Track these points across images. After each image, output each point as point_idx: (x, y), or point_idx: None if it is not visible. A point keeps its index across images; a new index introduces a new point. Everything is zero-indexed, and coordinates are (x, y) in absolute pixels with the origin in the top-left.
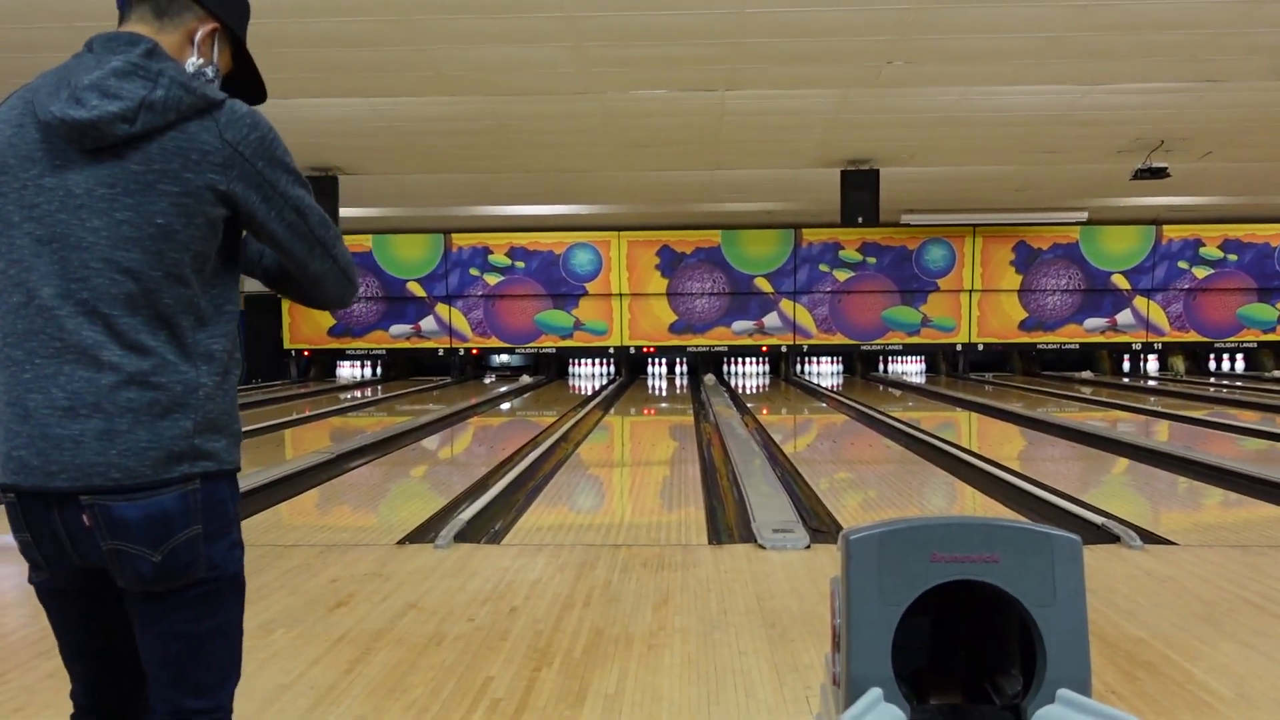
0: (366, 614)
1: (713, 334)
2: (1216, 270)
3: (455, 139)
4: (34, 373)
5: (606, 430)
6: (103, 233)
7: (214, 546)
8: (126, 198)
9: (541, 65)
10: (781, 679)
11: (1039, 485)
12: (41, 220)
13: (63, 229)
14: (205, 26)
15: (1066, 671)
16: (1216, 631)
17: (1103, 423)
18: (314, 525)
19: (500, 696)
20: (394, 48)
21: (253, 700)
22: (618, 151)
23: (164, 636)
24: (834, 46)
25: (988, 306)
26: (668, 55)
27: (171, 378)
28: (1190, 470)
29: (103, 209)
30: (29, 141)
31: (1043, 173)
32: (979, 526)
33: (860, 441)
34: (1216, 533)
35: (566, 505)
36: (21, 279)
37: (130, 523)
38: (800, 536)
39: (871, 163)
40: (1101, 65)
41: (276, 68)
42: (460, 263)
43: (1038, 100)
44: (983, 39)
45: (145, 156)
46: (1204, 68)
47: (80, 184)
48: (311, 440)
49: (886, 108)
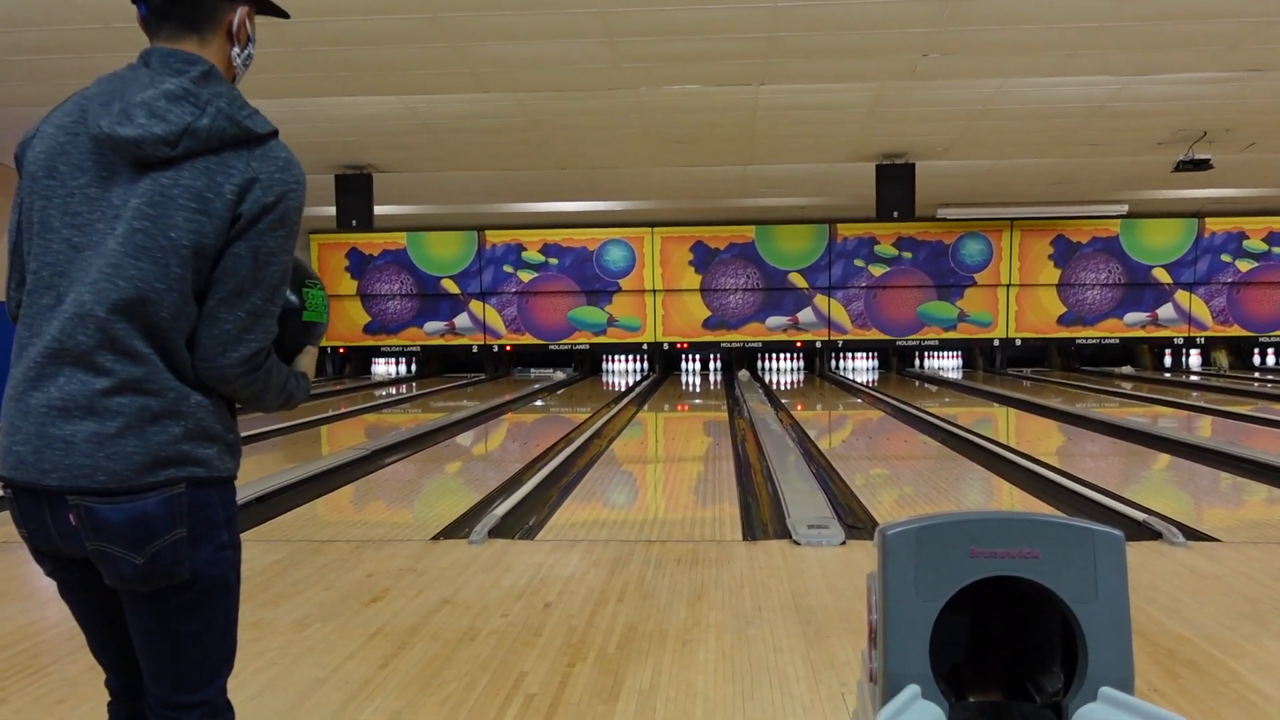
0: (401, 609)
1: (747, 330)
2: (1261, 263)
3: (489, 136)
4: (38, 371)
5: (640, 426)
6: (120, 240)
7: (199, 551)
8: (149, 209)
9: (575, 61)
10: (817, 676)
11: (1078, 481)
12: (80, 228)
13: (96, 238)
14: (235, 14)
15: (1109, 669)
16: (1262, 630)
17: (1144, 418)
18: (349, 521)
19: (534, 692)
20: (426, 45)
21: (288, 695)
22: (651, 147)
23: (150, 635)
24: (869, 40)
25: (1025, 301)
26: (702, 50)
27: (164, 385)
28: (1234, 466)
29: (129, 222)
30: (81, 150)
31: (1082, 165)
32: (1019, 521)
33: (896, 437)
34: (1261, 529)
35: (600, 501)
36: (53, 282)
37: (114, 524)
38: (835, 533)
39: (907, 156)
40: (1142, 56)
41: (309, 67)
42: (494, 260)
43: (1077, 92)
44: (1020, 30)
45: (176, 173)
46: (1248, 57)
47: (120, 196)
48: (347, 437)
49: (922, 101)
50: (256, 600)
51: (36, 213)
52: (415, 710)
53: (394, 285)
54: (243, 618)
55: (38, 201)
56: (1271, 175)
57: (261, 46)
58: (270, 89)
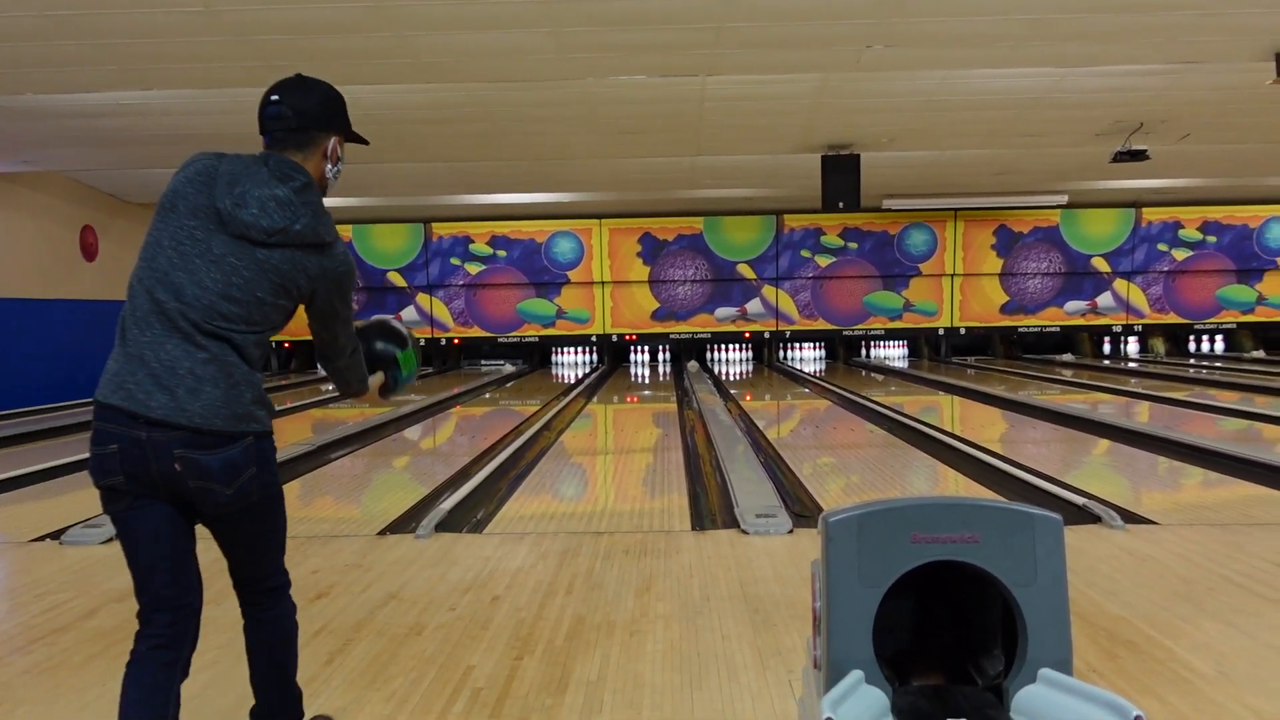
0: (346, 605)
1: (695, 321)
2: (1196, 252)
3: (434, 127)
4: (151, 338)
5: (589, 418)
6: (219, 285)
7: (264, 479)
8: (246, 271)
9: (520, 52)
10: (764, 663)
11: (1021, 467)
12: (182, 255)
13: (193, 269)
14: (331, 142)
15: (1048, 651)
16: (1197, 610)
17: (1084, 405)
18: (295, 517)
19: (481, 686)
20: (368, 34)
21: (230, 694)
22: (598, 138)
23: (239, 542)
24: (814, 31)
25: (969, 291)
26: (648, 41)
27: (237, 365)
28: (1171, 450)
29: (225, 271)
30: (201, 204)
31: (1023, 156)
32: (960, 507)
33: (843, 426)
34: (1197, 512)
35: (549, 494)
36: (152, 286)
37: (212, 469)
38: (783, 521)
39: (852, 147)
40: (1081, 48)
41: (249, 56)
42: (441, 252)
43: (1017, 84)
44: (962, 22)
45: (269, 253)
46: (1183, 49)
47: (219, 248)
48: (293, 432)
49: (867, 92)
50: None
51: (152, 234)
52: (360, 706)
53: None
54: None
55: (156, 224)
56: (1205, 166)
57: (197, 35)
58: (209, 78)
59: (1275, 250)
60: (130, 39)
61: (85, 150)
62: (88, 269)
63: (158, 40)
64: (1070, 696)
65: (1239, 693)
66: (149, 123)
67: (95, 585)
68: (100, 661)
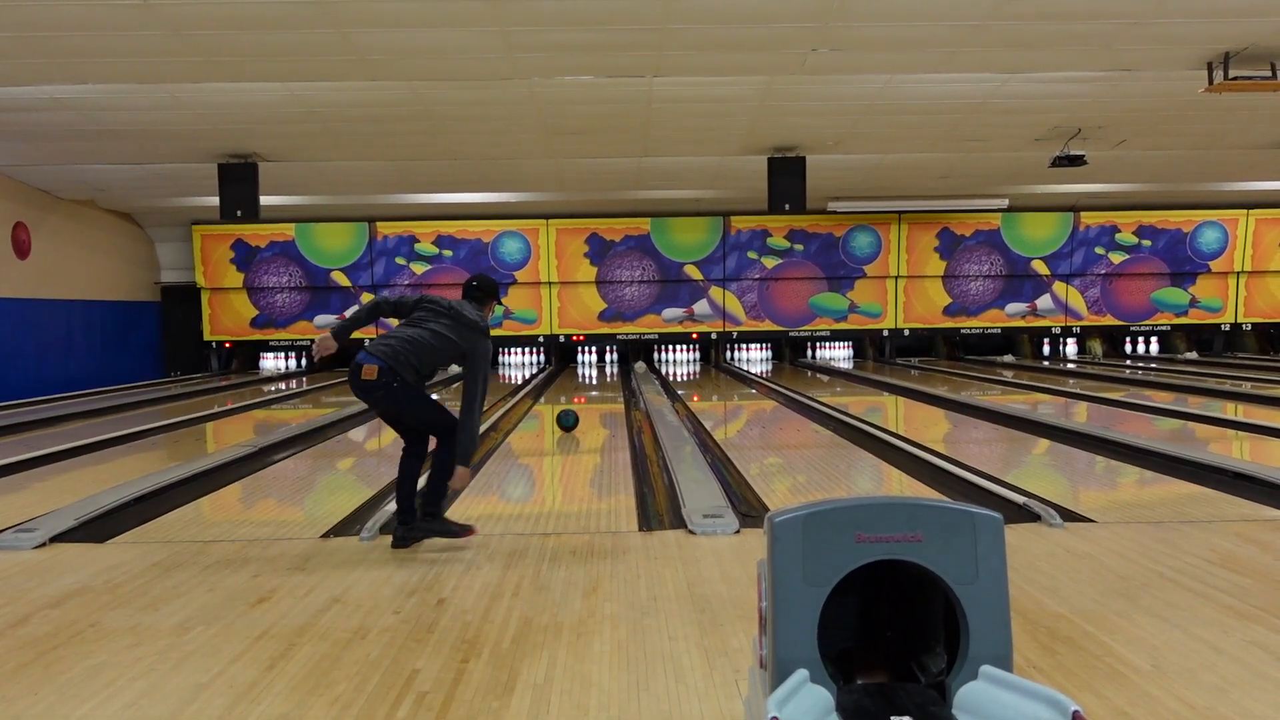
0: (289, 609)
1: (643, 321)
2: (1131, 256)
3: (379, 125)
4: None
5: (536, 419)
6: (434, 337)
7: (412, 390)
8: (448, 334)
9: (465, 50)
10: (711, 663)
11: (963, 467)
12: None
13: (428, 324)
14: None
15: (989, 648)
16: (1133, 605)
17: (1024, 405)
18: (236, 520)
19: (427, 689)
20: (310, 31)
21: (168, 701)
22: (545, 138)
23: (413, 413)
24: (759, 33)
25: (913, 292)
26: (594, 41)
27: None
28: (1108, 450)
29: (437, 329)
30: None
31: (965, 160)
32: (902, 506)
33: (789, 427)
34: (1133, 510)
35: (496, 495)
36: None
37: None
38: (730, 521)
39: (798, 150)
40: (1020, 54)
41: (188, 51)
42: (386, 251)
43: (959, 89)
44: (904, 27)
45: (459, 329)
46: (1118, 57)
47: (438, 318)
48: (234, 434)
49: (812, 95)
50: (134, 605)
51: (413, 297)
52: (304, 712)
53: (282, 278)
54: (118, 623)
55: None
56: (1141, 171)
57: (136, 29)
58: (147, 73)
59: (1208, 254)
60: (63, 32)
61: (15, 145)
62: (20, 266)
63: (92, 33)
64: (1011, 692)
65: (1172, 685)
66: (83, 117)
67: (26, 592)
68: (33, 669)
